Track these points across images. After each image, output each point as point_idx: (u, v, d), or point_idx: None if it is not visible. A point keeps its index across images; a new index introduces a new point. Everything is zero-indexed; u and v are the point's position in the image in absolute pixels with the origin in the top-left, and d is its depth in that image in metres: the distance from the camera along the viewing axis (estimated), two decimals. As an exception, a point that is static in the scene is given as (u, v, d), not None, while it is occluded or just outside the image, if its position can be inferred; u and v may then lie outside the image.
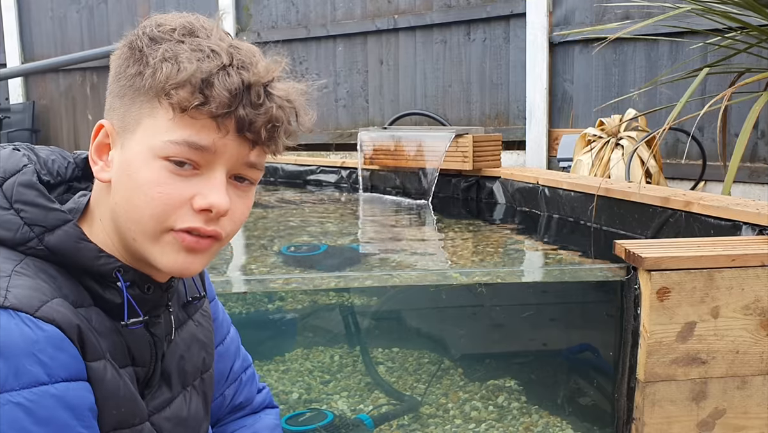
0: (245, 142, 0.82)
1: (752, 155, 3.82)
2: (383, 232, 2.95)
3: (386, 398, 2.46)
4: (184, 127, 0.80)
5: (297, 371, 2.66)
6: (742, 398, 1.72)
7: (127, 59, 0.83)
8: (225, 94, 0.78)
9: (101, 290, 0.84)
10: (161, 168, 0.80)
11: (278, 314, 3.02)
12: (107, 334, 0.84)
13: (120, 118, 0.84)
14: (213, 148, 0.81)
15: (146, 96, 0.81)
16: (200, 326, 1.03)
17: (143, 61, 0.81)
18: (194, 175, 0.81)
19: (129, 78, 0.82)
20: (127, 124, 0.83)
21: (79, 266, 0.83)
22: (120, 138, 0.84)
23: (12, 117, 6.81)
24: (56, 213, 0.83)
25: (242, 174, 0.85)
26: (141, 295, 0.87)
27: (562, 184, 2.81)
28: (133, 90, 0.82)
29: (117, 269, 0.84)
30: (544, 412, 2.30)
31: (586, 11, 4.45)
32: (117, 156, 0.84)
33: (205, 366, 1.03)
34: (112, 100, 0.85)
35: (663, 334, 1.66)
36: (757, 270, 1.67)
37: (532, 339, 2.70)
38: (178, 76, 0.78)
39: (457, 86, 5.16)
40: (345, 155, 5.30)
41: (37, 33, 7.05)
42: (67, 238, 0.82)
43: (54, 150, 0.95)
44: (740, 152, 2.26)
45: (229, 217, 0.84)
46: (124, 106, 0.83)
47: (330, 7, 5.65)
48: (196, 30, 0.83)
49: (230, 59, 0.81)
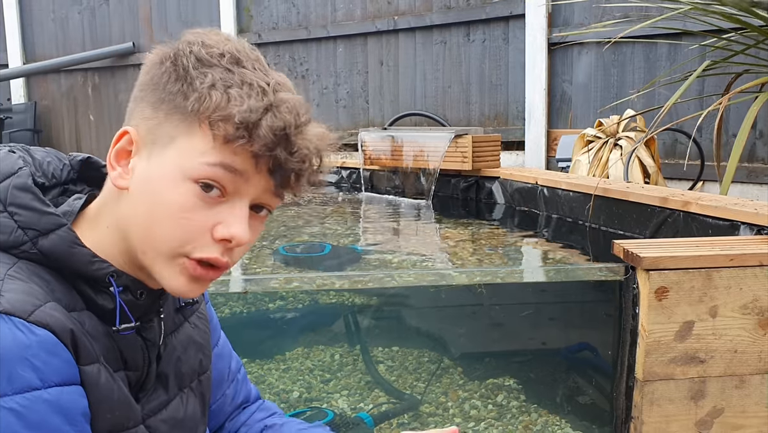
0: (274, 182, 0.83)
1: (750, 155, 3.83)
2: (383, 232, 2.96)
3: (386, 396, 2.47)
4: (222, 151, 0.80)
5: (297, 370, 2.67)
6: (740, 397, 1.72)
7: (167, 72, 0.82)
8: (270, 136, 0.79)
9: (94, 294, 0.84)
10: (190, 192, 0.81)
11: (278, 313, 3.03)
12: (100, 338, 0.84)
13: (150, 129, 0.83)
14: (247, 174, 0.81)
15: (187, 116, 0.81)
16: (197, 328, 1.04)
17: (188, 82, 0.80)
18: (219, 203, 0.82)
19: (170, 94, 0.82)
20: (158, 138, 0.83)
21: (72, 270, 0.83)
22: (146, 149, 0.84)
23: (14, 117, 6.81)
24: (50, 217, 0.82)
25: (264, 203, 0.86)
26: (133, 300, 0.87)
27: (561, 184, 2.82)
28: (172, 106, 0.81)
29: (110, 274, 0.84)
30: (543, 411, 2.31)
31: (584, 12, 4.46)
32: (141, 166, 0.84)
33: (202, 368, 1.03)
34: (143, 109, 0.84)
35: (661, 333, 1.67)
36: (755, 270, 1.68)
37: (531, 338, 2.71)
38: (227, 109, 0.79)
39: (456, 87, 5.17)
40: (345, 155, 5.31)
41: (39, 34, 7.06)
42: (60, 242, 0.82)
43: (49, 152, 0.95)
44: (738, 152, 2.27)
45: (241, 246, 0.85)
46: (157, 118, 0.83)
47: (330, 8, 5.66)
48: (242, 60, 0.83)
49: (276, 99, 0.81)
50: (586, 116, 4.47)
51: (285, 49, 5.93)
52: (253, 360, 2.73)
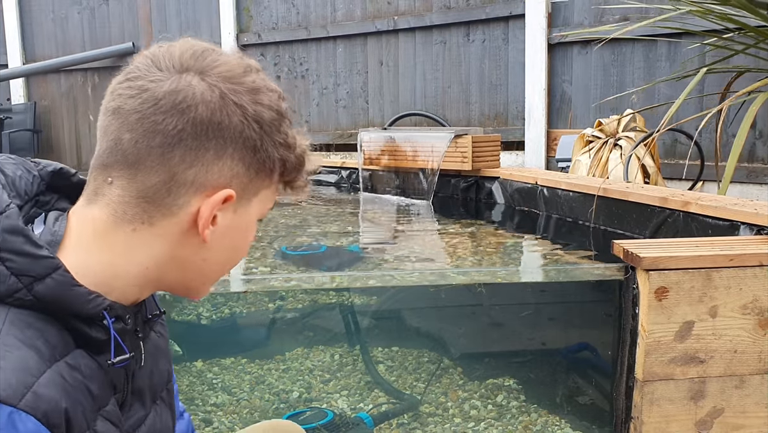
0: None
1: (750, 155, 3.83)
2: (383, 232, 2.96)
3: (386, 396, 2.47)
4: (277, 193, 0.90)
5: (297, 370, 2.67)
6: (740, 397, 1.72)
7: (239, 124, 0.82)
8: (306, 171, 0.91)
9: (87, 328, 0.81)
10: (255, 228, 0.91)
11: (278, 313, 3.04)
12: (95, 376, 0.82)
13: (242, 187, 0.85)
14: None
15: (272, 175, 0.87)
16: (161, 337, 1.03)
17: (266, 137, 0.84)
18: None
19: (255, 150, 0.84)
20: (246, 193, 0.86)
21: (66, 310, 0.80)
22: (234, 204, 0.86)
23: (13, 118, 6.81)
24: (45, 261, 0.78)
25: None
26: (123, 327, 0.86)
27: (561, 184, 2.82)
28: (259, 164, 0.85)
29: (104, 309, 0.82)
30: (543, 411, 2.31)
31: (584, 12, 4.46)
32: (227, 219, 0.86)
33: (169, 377, 1.03)
34: (228, 162, 0.82)
35: (661, 333, 1.67)
36: (755, 270, 1.68)
37: (531, 338, 2.72)
38: (303, 165, 0.90)
39: (456, 87, 5.17)
40: (345, 156, 5.31)
41: (39, 34, 7.06)
42: (57, 286, 0.78)
43: (18, 162, 0.89)
44: (737, 152, 2.27)
45: None
46: (248, 176, 0.84)
47: (330, 8, 5.66)
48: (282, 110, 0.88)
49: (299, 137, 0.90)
50: (586, 116, 4.47)
51: (285, 50, 5.92)
52: (252, 360, 2.73)
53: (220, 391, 2.53)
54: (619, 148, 3.51)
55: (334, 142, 5.71)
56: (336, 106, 5.75)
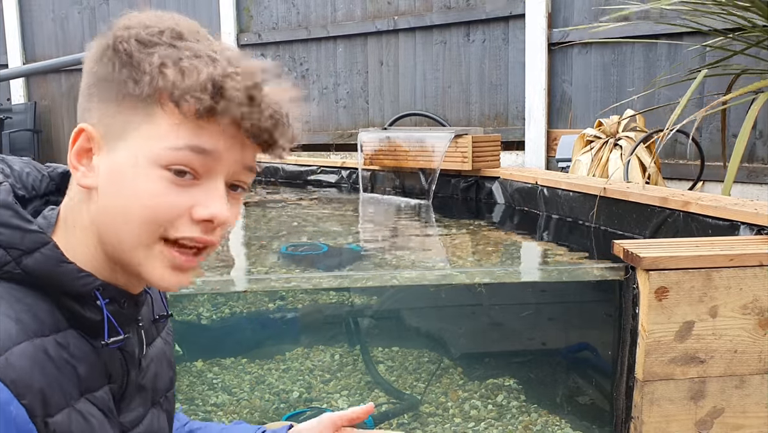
0: (249, 148, 0.81)
1: (750, 155, 3.83)
2: (383, 232, 2.96)
3: (386, 396, 2.47)
4: (187, 133, 0.78)
5: (297, 370, 2.67)
6: (740, 397, 1.72)
7: (111, 61, 0.79)
8: (233, 102, 0.77)
9: (80, 308, 0.82)
10: (160, 177, 0.78)
11: (279, 313, 3.03)
12: (85, 358, 0.82)
13: (105, 124, 0.80)
14: (217, 153, 0.79)
15: (143, 102, 0.78)
16: (167, 345, 1.03)
17: (134, 66, 0.78)
18: (193, 185, 0.80)
19: (118, 83, 0.79)
20: (117, 130, 0.80)
21: (57, 287, 0.81)
22: (106, 143, 0.81)
23: (14, 117, 6.81)
24: (34, 235, 0.80)
25: (239, 180, 0.84)
26: (119, 310, 0.86)
27: (561, 184, 2.82)
28: (123, 95, 0.79)
29: (96, 288, 0.82)
30: (543, 411, 2.31)
31: (584, 12, 4.46)
32: (103, 162, 0.81)
33: (171, 384, 1.03)
34: (97, 104, 0.81)
35: (661, 333, 1.67)
36: (755, 270, 1.68)
37: (531, 338, 2.72)
38: (184, 82, 0.76)
39: (456, 87, 5.17)
40: (345, 156, 5.31)
41: (39, 33, 7.06)
42: (46, 261, 0.79)
43: (28, 162, 0.92)
44: (740, 153, 2.27)
45: (223, 225, 0.83)
46: (109, 110, 0.80)
47: (330, 8, 5.66)
48: (184, 33, 0.80)
49: (229, 64, 0.78)
50: (586, 116, 4.47)
51: (285, 49, 5.93)
52: (253, 360, 2.73)
53: (221, 391, 2.53)
54: (619, 148, 3.51)
55: (334, 142, 5.72)
56: (336, 106, 5.75)
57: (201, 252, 0.83)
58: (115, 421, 0.88)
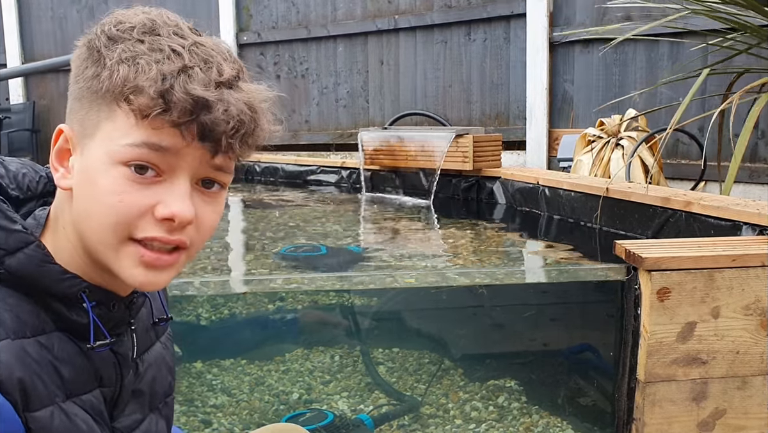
0: (207, 149, 0.78)
1: (752, 155, 3.82)
2: (383, 232, 2.95)
3: (386, 398, 2.46)
4: (145, 129, 0.76)
5: (297, 372, 2.66)
6: (742, 399, 1.71)
7: (85, 60, 0.79)
8: (187, 99, 0.74)
9: (66, 310, 0.81)
10: (120, 175, 0.76)
11: (278, 314, 3.03)
12: (70, 360, 0.81)
13: (79, 123, 0.80)
14: (175, 150, 0.76)
15: (104, 99, 0.77)
16: (167, 349, 1.02)
17: (100, 63, 0.77)
18: (156, 183, 0.77)
19: (87, 80, 0.78)
20: (86, 129, 0.79)
21: (41, 288, 0.80)
22: (80, 143, 0.80)
23: (12, 117, 6.80)
24: (18, 235, 0.79)
25: (210, 177, 0.81)
26: (107, 313, 0.84)
27: (563, 184, 2.81)
28: (91, 93, 0.78)
29: (82, 290, 0.81)
30: (545, 412, 2.30)
31: (586, 12, 4.45)
32: (77, 162, 0.80)
33: (170, 389, 1.02)
34: (72, 103, 0.81)
35: (663, 334, 1.66)
36: (758, 270, 1.67)
37: (532, 339, 2.71)
38: (135, 79, 0.74)
39: (457, 86, 5.16)
40: (345, 155, 5.30)
41: (38, 33, 7.06)
42: (28, 261, 0.78)
43: (25, 163, 0.91)
44: (741, 153, 2.26)
45: (195, 225, 0.80)
46: (83, 109, 0.79)
47: (330, 7, 5.65)
48: (157, 27, 0.78)
49: (191, 59, 0.76)
50: (588, 116, 4.46)
51: (285, 49, 5.92)
52: (252, 361, 2.72)
53: (220, 392, 2.52)
54: (620, 147, 3.50)
55: (335, 142, 5.71)
56: (336, 106, 5.74)
57: (175, 252, 0.81)
58: (106, 426, 0.86)
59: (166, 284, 0.83)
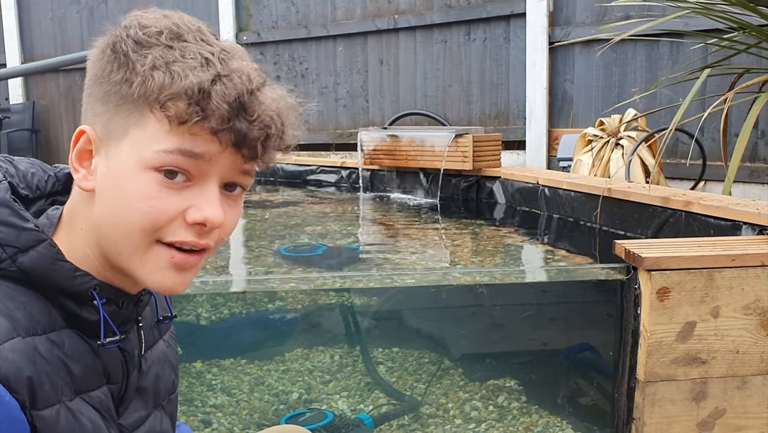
0: (241, 155, 0.79)
1: (752, 155, 3.82)
2: (383, 232, 2.95)
3: (386, 398, 2.46)
4: (178, 136, 0.77)
5: (297, 371, 2.66)
6: (742, 398, 1.72)
7: (110, 62, 0.79)
8: (224, 106, 0.76)
9: (77, 307, 0.82)
10: (152, 180, 0.77)
11: (278, 314, 3.02)
12: (80, 357, 0.81)
13: (103, 125, 0.80)
14: (209, 156, 0.78)
15: (135, 104, 0.77)
16: (170, 347, 1.03)
17: (130, 67, 0.77)
18: (186, 188, 0.79)
19: (114, 84, 0.78)
20: (112, 132, 0.79)
21: (53, 286, 0.80)
22: (104, 146, 0.80)
23: (12, 117, 6.80)
24: (30, 233, 0.79)
25: (235, 181, 0.82)
26: (117, 310, 0.85)
27: (562, 184, 2.81)
28: (119, 97, 0.78)
29: (93, 288, 0.82)
30: (545, 412, 2.30)
31: (586, 11, 4.45)
32: (101, 164, 0.81)
33: (173, 387, 1.03)
34: (94, 105, 0.82)
35: (663, 334, 1.66)
36: (757, 270, 1.67)
37: (532, 339, 2.70)
38: (172, 87, 0.75)
39: (457, 86, 5.16)
40: (345, 155, 5.30)
41: (37, 33, 7.05)
42: (41, 259, 0.79)
43: (34, 162, 0.92)
44: (740, 152, 2.26)
45: (220, 228, 0.81)
46: (108, 112, 0.80)
47: (330, 7, 5.65)
48: (183, 33, 0.80)
49: (223, 68, 0.77)
50: (588, 116, 4.46)
51: (284, 49, 5.91)
52: (252, 361, 2.72)
53: (220, 392, 2.52)
54: (620, 147, 3.50)
55: (334, 142, 5.70)
56: (336, 106, 5.74)
57: (199, 253, 0.82)
58: (114, 422, 0.87)
59: (188, 286, 0.84)
